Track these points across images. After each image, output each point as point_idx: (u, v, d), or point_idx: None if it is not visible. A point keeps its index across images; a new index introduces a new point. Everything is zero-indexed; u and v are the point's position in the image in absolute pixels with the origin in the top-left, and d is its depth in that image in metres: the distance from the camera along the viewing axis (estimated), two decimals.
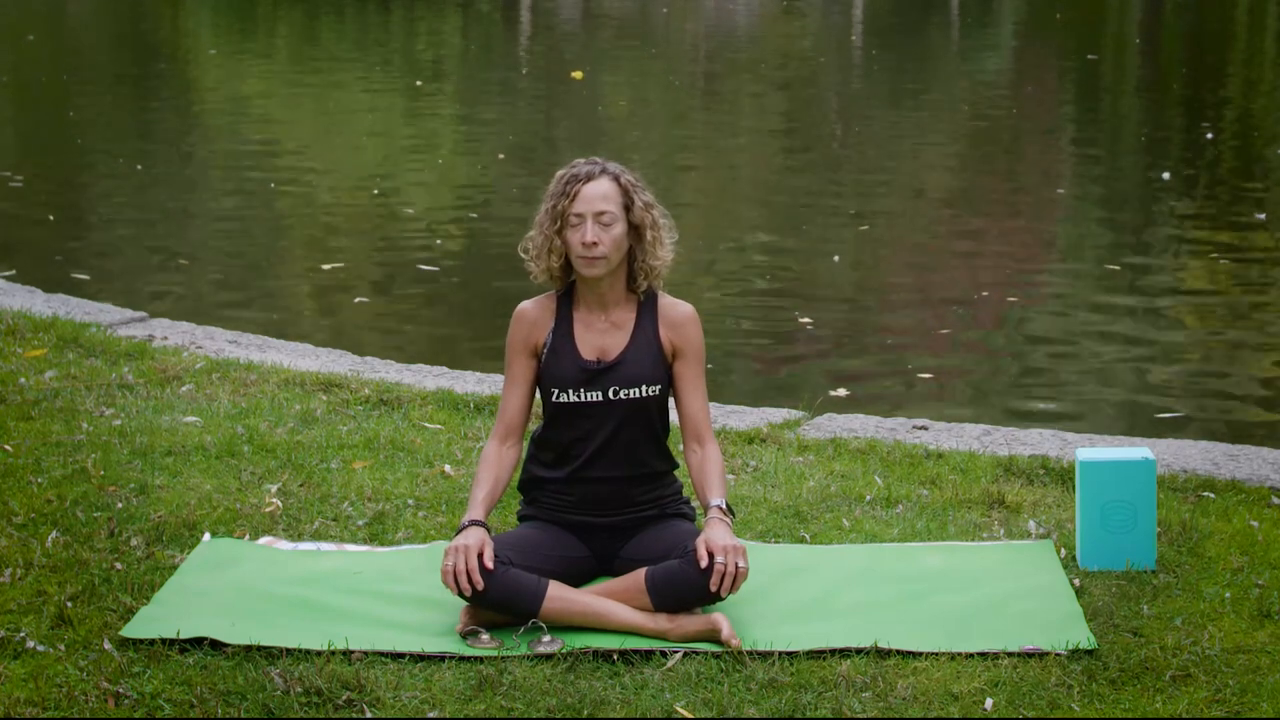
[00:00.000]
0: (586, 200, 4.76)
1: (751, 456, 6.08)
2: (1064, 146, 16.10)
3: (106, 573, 4.90)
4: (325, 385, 6.80)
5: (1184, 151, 15.31)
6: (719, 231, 11.93)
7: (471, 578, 4.54)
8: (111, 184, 13.76)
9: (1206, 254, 11.20)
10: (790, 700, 4.24)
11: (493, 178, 14.15)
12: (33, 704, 4.14)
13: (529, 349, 4.88)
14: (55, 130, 16.31)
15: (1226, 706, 4.21)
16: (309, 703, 4.18)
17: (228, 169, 14.53)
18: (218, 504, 5.50)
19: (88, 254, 11.10)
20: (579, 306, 4.88)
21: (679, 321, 4.87)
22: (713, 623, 4.56)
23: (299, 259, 11.19)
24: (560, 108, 18.41)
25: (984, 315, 9.78)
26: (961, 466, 5.97)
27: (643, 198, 4.82)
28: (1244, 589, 4.87)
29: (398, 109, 18.10)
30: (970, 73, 22.01)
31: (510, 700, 4.24)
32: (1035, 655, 4.47)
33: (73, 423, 6.23)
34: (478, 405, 6.60)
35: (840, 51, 24.20)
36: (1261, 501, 5.60)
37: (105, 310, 8.22)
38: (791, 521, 5.46)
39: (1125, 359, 8.89)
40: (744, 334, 9.35)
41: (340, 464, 5.90)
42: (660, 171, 13.97)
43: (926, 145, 15.97)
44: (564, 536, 4.85)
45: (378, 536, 5.33)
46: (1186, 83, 20.41)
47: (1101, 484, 5.04)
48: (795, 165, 15.03)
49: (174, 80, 20.70)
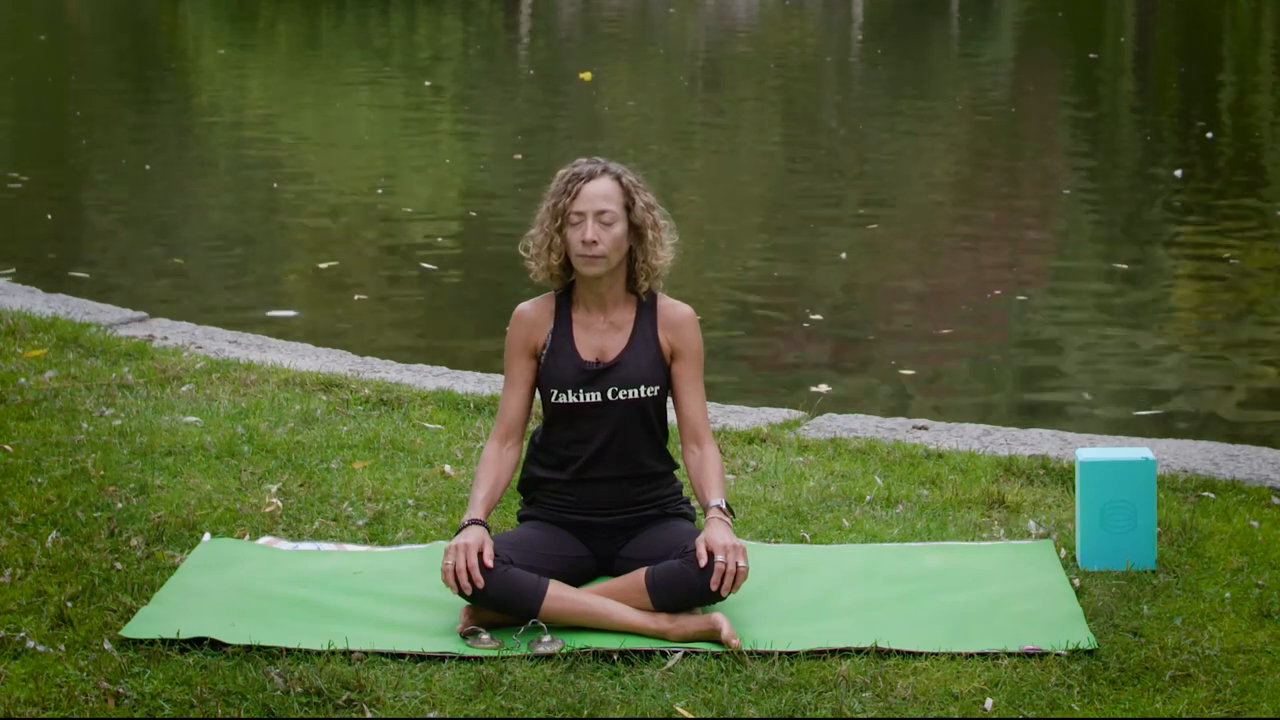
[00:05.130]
0: (588, 199, 4.76)
1: (751, 456, 6.08)
2: (1065, 146, 16.10)
3: (106, 573, 4.90)
4: (325, 385, 6.80)
5: (1184, 151, 15.31)
6: (720, 231, 11.93)
7: (471, 576, 4.54)
8: (112, 184, 13.75)
9: (1207, 254, 11.19)
10: (790, 700, 4.24)
11: (493, 177, 14.15)
12: (33, 704, 4.14)
13: (528, 350, 4.89)
14: (59, 129, 16.31)
15: (1226, 706, 4.21)
16: (309, 703, 4.18)
17: (228, 169, 14.53)
18: (218, 504, 5.50)
19: (88, 253, 11.10)
20: (578, 307, 4.88)
21: (677, 323, 4.88)
22: (713, 623, 4.57)
23: (299, 258, 11.19)
24: (562, 107, 18.41)
25: (985, 315, 9.78)
26: (961, 466, 5.97)
27: (644, 198, 4.82)
28: (1244, 589, 4.88)
29: (398, 108, 18.10)
30: (970, 72, 22.00)
31: (510, 700, 4.24)
32: (1035, 655, 4.47)
33: (73, 423, 6.23)
34: (478, 405, 6.60)
35: (840, 51, 24.20)
36: (1261, 501, 5.60)
37: (105, 310, 8.21)
38: (791, 521, 5.46)
39: (1126, 359, 8.89)
40: (744, 334, 9.35)
41: (340, 464, 5.91)
42: (661, 171, 13.97)
43: (927, 145, 15.97)
44: (564, 536, 4.85)
45: (378, 536, 5.33)
46: (1186, 81, 20.41)
47: (1101, 484, 5.04)
48: (796, 165, 15.02)
49: (176, 80, 20.70)
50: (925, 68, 22.66)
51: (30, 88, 19.58)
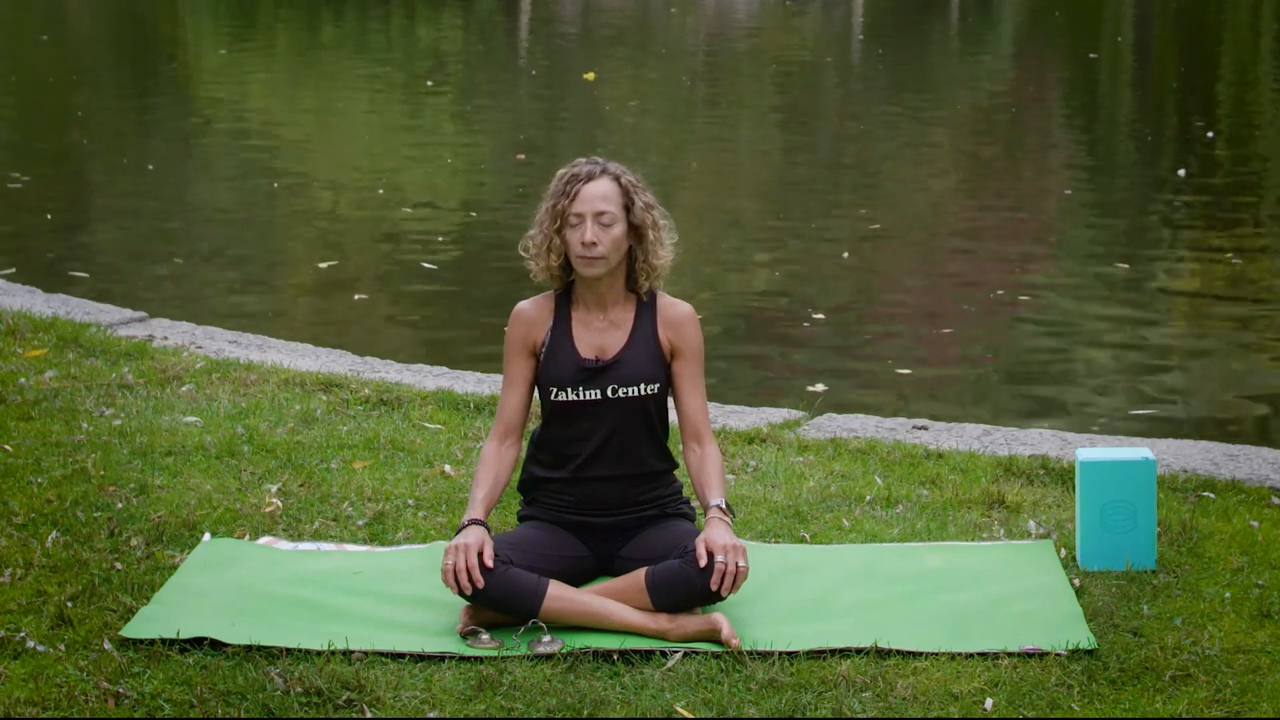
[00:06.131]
0: (587, 200, 4.76)
1: (751, 456, 6.08)
2: (1065, 146, 16.10)
3: (106, 573, 4.90)
4: (325, 385, 6.80)
5: (1185, 150, 15.31)
6: (721, 230, 11.93)
7: (471, 576, 4.54)
8: (113, 183, 13.76)
9: (1208, 253, 11.19)
10: (790, 700, 4.24)
11: (494, 177, 14.15)
12: (33, 704, 4.14)
13: (527, 348, 4.89)
14: (60, 129, 16.31)
15: (1226, 706, 4.21)
16: (309, 703, 4.18)
17: (229, 168, 14.53)
18: (218, 504, 5.50)
19: (88, 253, 11.10)
20: (577, 306, 4.88)
21: (677, 321, 4.88)
22: (712, 623, 4.57)
23: (299, 258, 11.19)
24: (562, 107, 18.41)
25: (985, 314, 9.78)
26: (961, 466, 5.97)
27: (643, 198, 4.82)
28: (1244, 589, 4.88)
29: (398, 108, 18.10)
30: (970, 72, 22.01)
31: (510, 700, 4.24)
32: (1035, 655, 4.47)
33: (73, 423, 6.23)
34: (478, 405, 6.60)
35: (841, 51, 24.20)
36: (1261, 501, 5.60)
37: (105, 310, 8.21)
38: (791, 521, 5.46)
39: (1126, 359, 8.89)
40: (744, 333, 9.35)
41: (340, 464, 5.91)
42: (661, 170, 13.97)
43: (928, 145, 15.97)
44: (564, 536, 4.85)
45: (378, 536, 5.33)
46: (1185, 80, 20.41)
47: (1101, 484, 5.04)
48: (797, 164, 15.02)
49: (176, 80, 20.70)
50: (925, 67, 22.66)
51: (31, 88, 19.58)
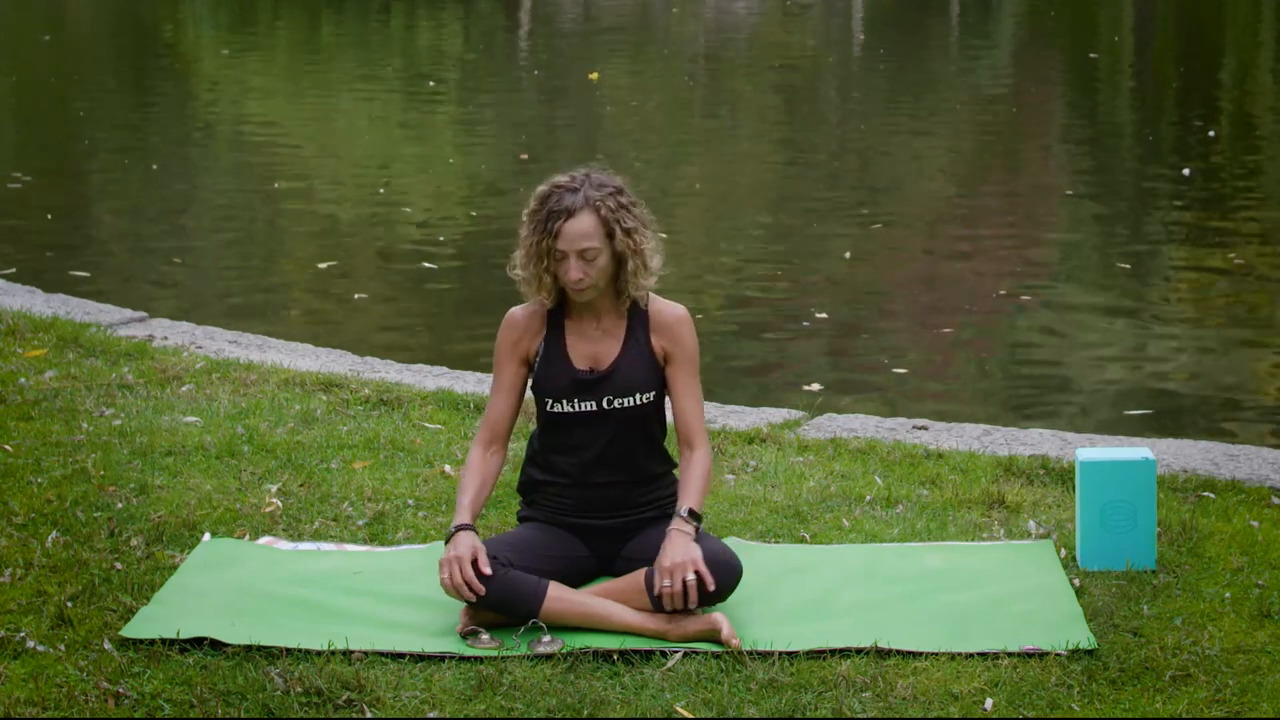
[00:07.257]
0: (569, 239, 4.72)
1: (751, 456, 6.08)
2: (1065, 146, 16.09)
3: (106, 573, 4.90)
4: (325, 385, 6.80)
5: (1185, 150, 15.31)
6: (721, 229, 11.93)
7: (471, 587, 4.55)
8: (113, 183, 13.75)
9: (1208, 252, 11.19)
10: (790, 700, 4.24)
11: (494, 177, 14.15)
12: (33, 704, 4.14)
13: (518, 355, 4.87)
14: (60, 129, 16.30)
15: (1226, 706, 4.21)
16: (309, 703, 4.18)
17: (230, 168, 14.53)
18: (218, 504, 5.50)
19: (88, 253, 11.09)
20: (570, 314, 4.87)
21: (670, 324, 4.85)
22: (712, 623, 4.57)
23: (299, 258, 11.19)
24: (563, 107, 18.41)
25: (986, 314, 9.78)
26: (961, 466, 5.97)
27: (624, 225, 4.75)
28: (1244, 589, 4.88)
29: (399, 108, 18.10)
30: (970, 71, 22.00)
31: (510, 700, 4.24)
32: (1035, 655, 4.47)
33: (73, 423, 6.23)
34: (478, 405, 6.60)
35: (841, 50, 24.20)
36: (1261, 501, 5.60)
37: (105, 310, 8.21)
38: (791, 521, 5.46)
39: (1126, 359, 8.89)
40: (744, 333, 9.35)
41: (340, 464, 5.91)
42: (661, 170, 13.97)
43: (928, 144, 15.97)
44: (564, 537, 4.85)
45: (378, 536, 5.33)
46: (1186, 80, 20.40)
47: (1101, 484, 5.04)
48: (798, 163, 15.02)
49: (177, 80, 20.70)
50: (925, 67, 22.65)
51: (32, 88, 19.58)
